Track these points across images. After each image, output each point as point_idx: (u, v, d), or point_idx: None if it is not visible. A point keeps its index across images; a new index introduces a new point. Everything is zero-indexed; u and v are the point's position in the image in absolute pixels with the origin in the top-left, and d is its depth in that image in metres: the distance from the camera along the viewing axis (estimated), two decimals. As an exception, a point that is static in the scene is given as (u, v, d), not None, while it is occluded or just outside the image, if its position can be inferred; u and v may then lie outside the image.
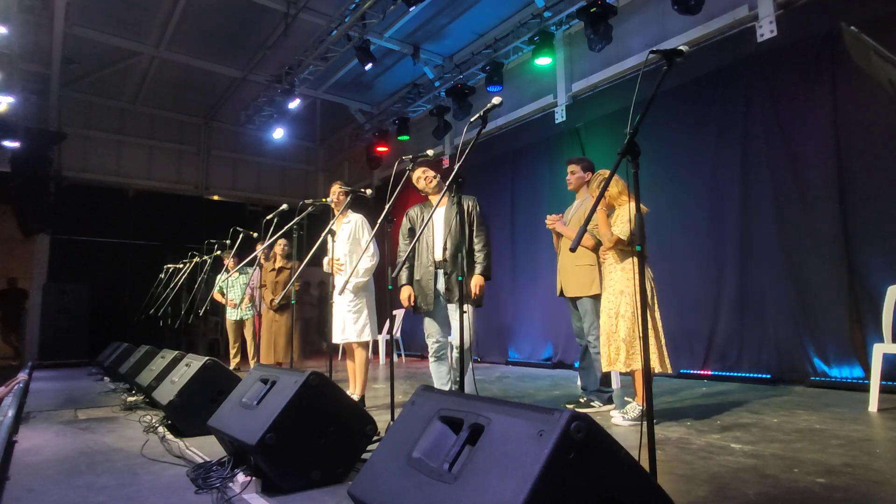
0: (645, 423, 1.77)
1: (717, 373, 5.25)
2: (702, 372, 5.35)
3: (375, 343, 8.63)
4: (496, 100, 2.70)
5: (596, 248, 3.73)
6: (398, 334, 8.61)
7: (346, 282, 4.02)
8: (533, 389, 5.16)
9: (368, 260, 4.21)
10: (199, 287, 6.84)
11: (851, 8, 4.62)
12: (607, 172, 3.57)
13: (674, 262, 5.59)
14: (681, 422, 3.35)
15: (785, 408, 3.73)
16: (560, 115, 7.41)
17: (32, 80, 9.21)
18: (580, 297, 3.83)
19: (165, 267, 8.58)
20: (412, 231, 3.94)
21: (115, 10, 8.11)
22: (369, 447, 2.37)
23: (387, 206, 3.29)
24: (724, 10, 5.73)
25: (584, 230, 1.88)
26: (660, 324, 3.30)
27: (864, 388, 3.83)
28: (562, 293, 3.98)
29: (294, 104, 9.30)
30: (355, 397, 4.16)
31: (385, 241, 4.05)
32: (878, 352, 3.58)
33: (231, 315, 7.11)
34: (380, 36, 8.08)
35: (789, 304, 4.79)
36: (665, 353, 3.28)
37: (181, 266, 7.72)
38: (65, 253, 10.22)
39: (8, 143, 9.13)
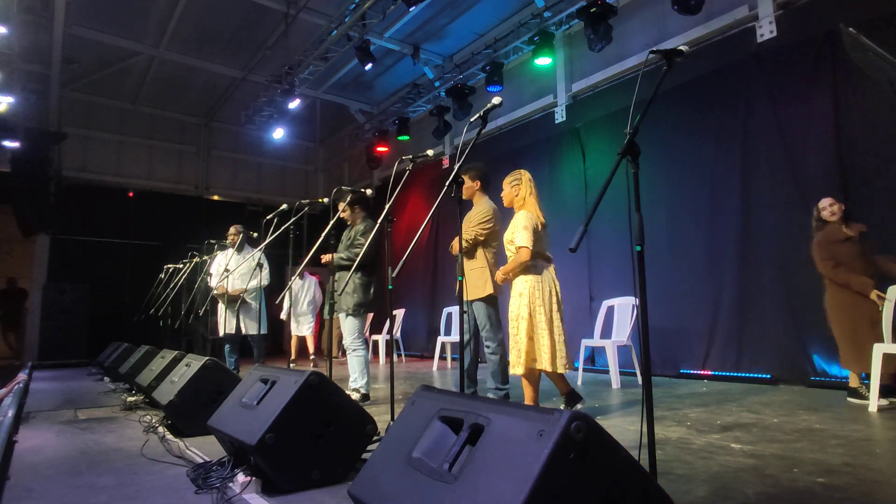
0: (645, 424, 1.77)
1: (717, 373, 5.25)
2: (702, 372, 5.36)
3: (375, 343, 8.66)
4: (496, 100, 2.70)
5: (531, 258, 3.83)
6: (398, 334, 8.60)
7: (346, 283, 4.13)
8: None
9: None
10: (199, 287, 6.83)
11: (851, 8, 4.62)
12: (522, 172, 3.67)
13: (674, 261, 5.59)
14: (681, 422, 3.35)
15: (785, 408, 3.73)
16: (560, 116, 7.41)
17: (32, 80, 9.19)
18: (473, 301, 3.84)
19: (165, 267, 8.57)
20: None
21: (115, 10, 8.11)
22: (369, 447, 2.37)
23: (387, 206, 3.30)
24: (724, 11, 5.73)
25: (584, 231, 1.87)
26: (557, 324, 3.40)
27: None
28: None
29: (294, 104, 9.29)
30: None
31: (385, 240, 4.07)
32: (878, 352, 3.58)
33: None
34: (380, 36, 8.08)
35: (789, 304, 4.79)
36: (558, 353, 3.37)
37: (181, 266, 7.71)
38: (65, 253, 10.22)
39: (8, 143, 9.13)
